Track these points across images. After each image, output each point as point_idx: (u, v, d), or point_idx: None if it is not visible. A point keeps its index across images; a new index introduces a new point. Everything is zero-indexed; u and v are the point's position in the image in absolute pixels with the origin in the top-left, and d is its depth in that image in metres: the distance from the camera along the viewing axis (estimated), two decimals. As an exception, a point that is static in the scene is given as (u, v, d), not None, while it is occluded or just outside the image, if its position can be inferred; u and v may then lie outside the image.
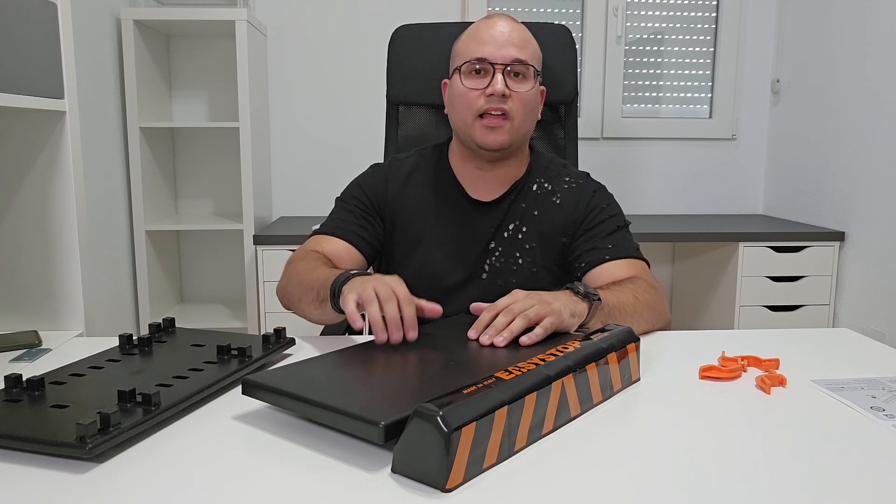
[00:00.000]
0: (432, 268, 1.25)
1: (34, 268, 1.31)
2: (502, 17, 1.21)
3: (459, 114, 1.20)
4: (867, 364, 0.99)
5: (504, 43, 1.17)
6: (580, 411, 0.80)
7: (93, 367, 0.88)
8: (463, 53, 1.20)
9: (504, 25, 1.19)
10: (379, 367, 0.83)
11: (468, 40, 1.20)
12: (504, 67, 1.16)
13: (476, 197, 1.26)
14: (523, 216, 1.26)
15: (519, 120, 1.18)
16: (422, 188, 1.28)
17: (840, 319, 2.40)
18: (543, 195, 1.27)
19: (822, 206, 2.51)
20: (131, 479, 0.65)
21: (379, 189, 1.28)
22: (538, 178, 1.28)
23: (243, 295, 2.78)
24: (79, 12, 2.08)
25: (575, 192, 1.27)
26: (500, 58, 1.16)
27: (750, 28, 2.79)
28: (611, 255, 1.20)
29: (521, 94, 1.17)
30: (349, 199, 1.28)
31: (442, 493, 0.62)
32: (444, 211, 1.26)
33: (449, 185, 1.27)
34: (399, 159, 1.32)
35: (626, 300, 1.08)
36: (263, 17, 2.67)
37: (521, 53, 1.17)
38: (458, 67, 1.20)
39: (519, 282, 1.23)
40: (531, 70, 1.19)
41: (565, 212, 1.25)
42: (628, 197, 2.87)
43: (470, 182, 1.27)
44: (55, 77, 1.25)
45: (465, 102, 1.19)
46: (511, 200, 1.26)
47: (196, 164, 2.72)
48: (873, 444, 0.73)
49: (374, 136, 2.75)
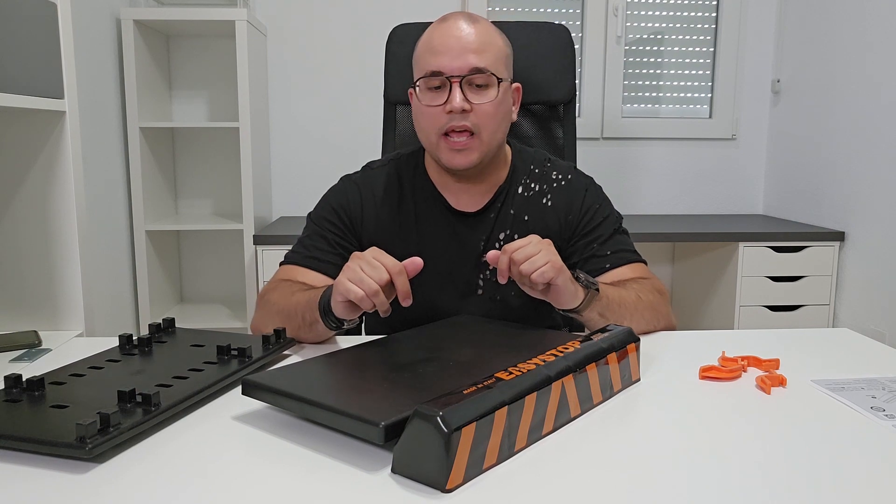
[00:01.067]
0: (423, 288, 1.12)
1: (34, 268, 1.31)
2: (459, 18, 1.09)
3: (424, 132, 1.12)
4: (867, 364, 0.99)
5: (460, 51, 1.06)
6: (580, 411, 0.80)
7: (93, 368, 0.88)
8: (418, 65, 1.11)
9: (460, 28, 1.08)
10: (379, 367, 0.83)
11: (423, 50, 1.10)
12: (461, 79, 1.06)
13: (460, 208, 1.18)
14: (513, 224, 1.19)
15: (487, 134, 1.09)
16: (401, 203, 1.19)
17: (840, 319, 2.40)
18: (532, 198, 1.20)
19: (822, 206, 2.51)
20: (131, 479, 0.65)
21: (353, 209, 1.19)
22: (523, 178, 1.21)
23: (243, 295, 2.77)
24: (79, 12, 2.07)
25: (566, 190, 1.21)
26: (457, 69, 1.06)
27: (750, 28, 2.79)
28: (612, 264, 1.17)
29: (483, 105, 1.08)
30: (322, 222, 1.19)
31: (442, 494, 0.62)
32: (428, 226, 1.18)
33: (430, 199, 1.19)
34: (373, 169, 1.23)
35: (629, 297, 1.08)
36: (263, 17, 2.67)
37: (479, 60, 1.06)
38: (415, 83, 1.11)
39: (518, 293, 1.14)
40: (493, 77, 1.08)
41: (558, 214, 1.20)
42: (628, 197, 2.87)
43: (451, 193, 1.19)
44: (55, 77, 1.25)
45: (427, 121, 1.10)
46: (498, 209, 1.19)
47: (196, 164, 2.72)
48: (873, 444, 0.73)
49: (373, 136, 2.75)
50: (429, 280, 1.13)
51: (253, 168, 2.40)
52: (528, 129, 1.55)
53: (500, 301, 1.19)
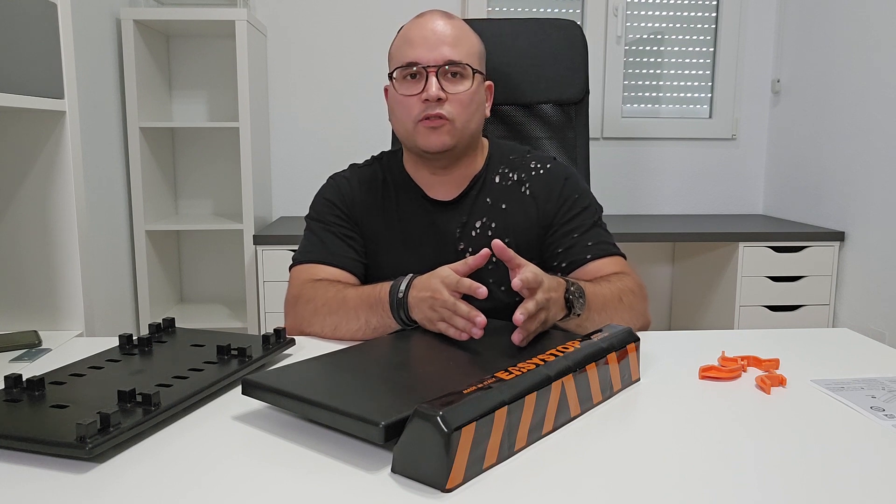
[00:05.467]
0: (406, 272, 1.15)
1: (34, 268, 1.31)
2: (435, 15, 1.15)
3: (400, 121, 1.16)
4: (867, 364, 0.99)
5: (436, 43, 1.11)
6: (580, 411, 0.80)
7: (93, 367, 0.88)
8: (395, 58, 1.16)
9: (436, 24, 1.13)
10: (379, 367, 0.83)
11: (400, 43, 1.15)
12: (437, 69, 1.11)
13: (436, 197, 1.22)
14: (489, 211, 1.21)
15: (461, 121, 1.13)
16: (384, 194, 1.24)
17: (840, 319, 2.40)
18: (511, 187, 1.22)
19: (822, 206, 2.51)
20: (131, 479, 0.65)
21: (346, 199, 1.24)
22: (501, 168, 1.24)
23: (243, 295, 2.78)
24: (79, 12, 2.07)
25: (544, 179, 1.22)
26: (433, 60, 1.11)
27: (750, 28, 2.79)
28: (592, 255, 1.18)
29: (458, 95, 1.12)
30: (324, 217, 1.23)
31: (442, 494, 0.62)
32: (408, 215, 1.22)
33: (408, 189, 1.23)
34: (358, 167, 1.28)
35: (611, 301, 1.08)
36: (263, 17, 2.67)
37: (454, 53, 1.12)
38: (391, 73, 1.16)
39: (497, 280, 1.19)
40: (468, 69, 1.13)
41: (537, 202, 1.21)
42: (628, 197, 2.87)
43: (428, 184, 1.23)
44: (55, 77, 1.25)
45: (402, 110, 1.14)
46: (474, 197, 1.22)
47: (196, 164, 2.72)
48: (873, 444, 0.73)
49: (373, 136, 2.75)
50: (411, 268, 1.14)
51: (253, 168, 2.40)
52: (539, 129, 1.52)
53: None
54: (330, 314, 1.08)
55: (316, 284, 1.13)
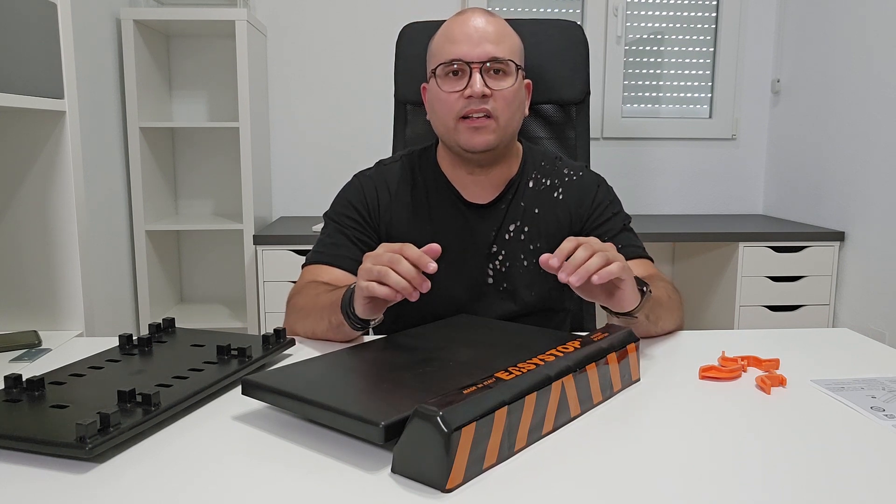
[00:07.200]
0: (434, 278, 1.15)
1: (34, 268, 1.31)
2: (476, 12, 1.14)
3: (441, 119, 1.14)
4: (867, 364, 0.99)
5: (479, 40, 1.10)
6: (580, 411, 0.80)
7: (93, 368, 0.88)
8: (437, 55, 1.14)
9: (478, 21, 1.12)
10: (379, 367, 0.83)
11: (442, 41, 1.14)
12: (481, 66, 1.10)
13: (471, 200, 1.21)
14: (524, 216, 1.21)
15: (505, 118, 1.12)
16: (414, 194, 1.21)
17: (840, 319, 2.40)
18: (544, 192, 1.22)
19: (822, 206, 2.51)
20: (131, 479, 0.65)
21: (370, 201, 1.21)
22: (534, 173, 1.23)
23: (243, 295, 2.78)
24: (79, 12, 2.07)
25: (577, 185, 1.23)
26: (476, 56, 1.09)
27: (750, 28, 2.79)
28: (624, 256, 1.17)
29: (502, 91, 1.11)
30: (341, 218, 1.21)
31: (442, 494, 0.62)
32: (441, 217, 1.21)
33: (443, 190, 1.21)
34: (385, 164, 1.25)
35: (663, 296, 1.09)
36: (263, 17, 2.67)
37: (497, 50, 1.10)
38: (433, 70, 1.14)
39: (526, 283, 1.19)
40: (511, 65, 1.12)
41: (569, 207, 1.21)
42: (629, 197, 2.87)
43: (463, 185, 1.21)
44: (55, 77, 1.25)
45: (444, 107, 1.12)
46: (509, 200, 1.21)
47: (196, 164, 2.72)
48: (873, 444, 0.73)
49: (374, 136, 2.75)
50: (441, 270, 1.14)
51: (253, 168, 2.40)
52: (539, 128, 1.52)
53: (509, 290, 1.20)
54: (307, 316, 1.07)
55: (308, 286, 1.13)
